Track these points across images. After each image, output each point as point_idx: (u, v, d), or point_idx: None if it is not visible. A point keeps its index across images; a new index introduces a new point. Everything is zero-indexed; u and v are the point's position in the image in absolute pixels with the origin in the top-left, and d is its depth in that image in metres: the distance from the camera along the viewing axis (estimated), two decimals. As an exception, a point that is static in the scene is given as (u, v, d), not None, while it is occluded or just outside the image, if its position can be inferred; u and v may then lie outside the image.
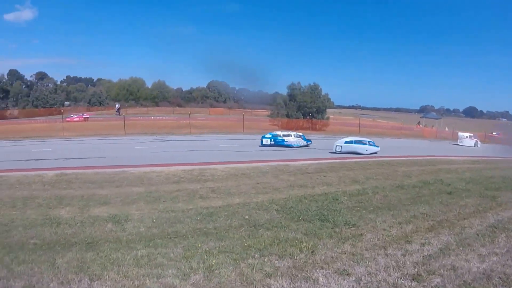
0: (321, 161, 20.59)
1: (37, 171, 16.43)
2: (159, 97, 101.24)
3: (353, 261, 7.67)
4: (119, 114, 61.23)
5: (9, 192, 13.35)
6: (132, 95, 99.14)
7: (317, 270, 7.23)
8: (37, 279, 6.76)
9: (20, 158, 20.03)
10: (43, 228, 9.90)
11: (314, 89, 51.17)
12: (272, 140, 27.89)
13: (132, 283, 6.67)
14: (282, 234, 9.33)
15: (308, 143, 28.66)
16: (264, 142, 27.91)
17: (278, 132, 29.17)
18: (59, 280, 6.72)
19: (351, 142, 25.71)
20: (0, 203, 12.07)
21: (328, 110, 53.90)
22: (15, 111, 71.67)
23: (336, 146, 25.42)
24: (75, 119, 50.92)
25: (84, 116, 53.90)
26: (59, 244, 8.86)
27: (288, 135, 28.45)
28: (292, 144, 27.78)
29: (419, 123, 67.86)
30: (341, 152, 24.82)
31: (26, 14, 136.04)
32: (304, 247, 8.40)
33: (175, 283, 6.69)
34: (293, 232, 9.51)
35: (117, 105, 70.62)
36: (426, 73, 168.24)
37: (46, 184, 14.36)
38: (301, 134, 29.32)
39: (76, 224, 10.22)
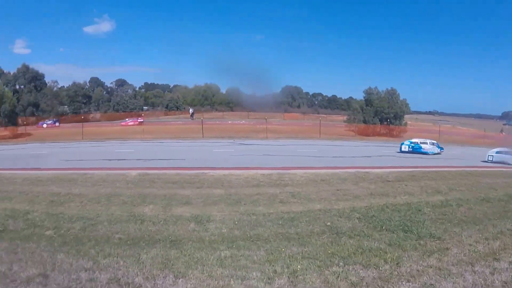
0: (400, 169, 19.68)
1: (120, 170, 17.44)
2: (234, 102, 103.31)
3: (440, 276, 7.19)
4: (193, 118, 63.30)
5: (94, 189, 14.18)
6: (207, 100, 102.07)
7: (404, 283, 6.86)
8: (122, 272, 6.96)
9: (103, 158, 21.46)
10: (127, 224, 10.33)
11: (391, 94, 49.68)
12: (410, 147, 28.47)
13: (217, 283, 6.66)
14: (366, 243, 8.97)
15: (441, 150, 28.77)
16: (402, 149, 28.55)
17: (416, 140, 29.61)
18: (144, 275, 6.86)
19: (500, 152, 25.56)
20: (86, 198, 12.86)
21: (405, 116, 52.02)
22: (97, 115, 77.33)
23: (488, 155, 25.59)
24: (129, 123, 54.75)
25: (138, 120, 56.89)
26: (143, 240, 9.15)
27: (425, 143, 28.94)
28: (428, 151, 28.13)
29: (502, 130, 62.83)
30: (492, 162, 24.80)
31: (105, 26, 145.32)
32: (388, 258, 7.99)
33: (259, 286, 6.60)
34: (377, 242, 9.10)
35: (191, 110, 72.90)
36: (509, 76, 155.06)
37: (129, 182, 15.10)
38: (435, 141, 29.62)
39: (160, 222, 10.53)
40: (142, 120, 57.36)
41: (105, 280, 6.62)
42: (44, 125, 53.65)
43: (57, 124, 56.59)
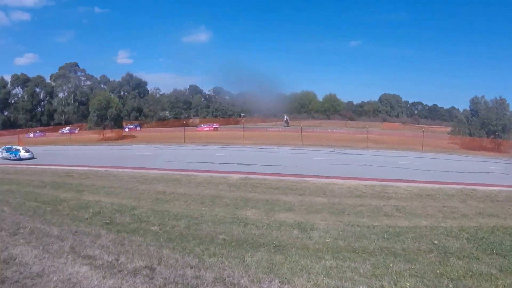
0: (510, 189, 17.85)
1: (222, 174, 18.08)
2: (330, 110, 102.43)
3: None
4: (287, 126, 63.86)
5: (197, 189, 14.83)
6: (304, 107, 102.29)
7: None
8: (228, 273, 7.01)
9: (205, 161, 22.42)
10: (231, 226, 10.57)
11: (500, 104, 44.86)
12: None
13: (323, 293, 6.47)
14: (475, 267, 8.29)
15: None
16: None
17: None
18: (250, 278, 6.85)
19: None
20: (190, 198, 13.48)
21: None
22: (197, 120, 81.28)
23: None
24: (205, 129, 58.74)
25: (213, 127, 60.69)
26: (247, 243, 9.29)
27: None
28: None
29: None
30: None
31: (202, 37, 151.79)
32: (500, 284, 7.32)
33: (367, 301, 6.31)
34: (487, 266, 8.37)
35: (285, 117, 73.67)
36: None
37: (231, 186, 15.60)
38: None
39: (263, 226, 10.64)
40: (217, 126, 61.14)
41: (211, 279, 6.70)
42: (126, 129, 58.30)
43: (138, 128, 63.03)
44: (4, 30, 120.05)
